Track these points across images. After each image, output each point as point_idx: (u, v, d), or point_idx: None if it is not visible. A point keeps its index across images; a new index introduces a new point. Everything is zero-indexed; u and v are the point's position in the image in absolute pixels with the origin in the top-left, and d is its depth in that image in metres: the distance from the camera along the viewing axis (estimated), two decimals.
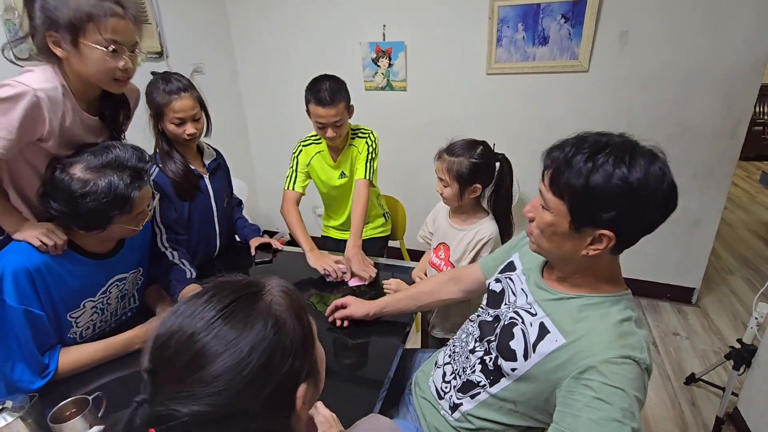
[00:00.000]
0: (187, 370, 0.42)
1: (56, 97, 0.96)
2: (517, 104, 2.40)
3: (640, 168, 0.67)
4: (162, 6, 2.31)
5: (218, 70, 2.80)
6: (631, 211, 0.69)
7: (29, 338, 0.97)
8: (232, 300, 0.47)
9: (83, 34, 0.92)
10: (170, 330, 0.45)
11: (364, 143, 1.70)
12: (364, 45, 2.56)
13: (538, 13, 2.17)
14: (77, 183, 0.94)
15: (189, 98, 1.34)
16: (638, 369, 0.69)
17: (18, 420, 0.79)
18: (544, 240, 0.80)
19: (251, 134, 3.17)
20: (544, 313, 0.82)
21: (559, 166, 0.73)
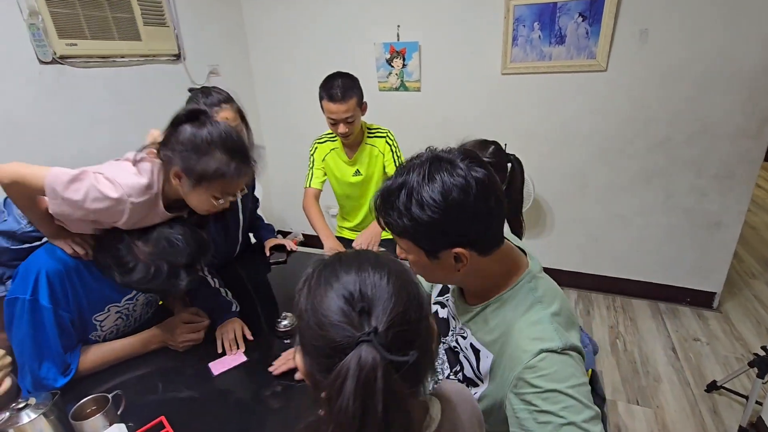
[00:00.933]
0: (405, 329, 0.48)
1: (145, 205, 0.96)
2: (532, 104, 2.37)
3: (438, 185, 0.66)
4: (180, 9, 2.34)
5: (233, 71, 2.83)
6: (458, 225, 0.67)
7: (57, 338, 0.99)
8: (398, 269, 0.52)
9: (207, 186, 0.95)
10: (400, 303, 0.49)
11: (384, 143, 1.70)
12: (378, 45, 2.56)
13: (555, 11, 2.14)
14: (141, 268, 0.96)
15: (230, 110, 1.31)
16: (556, 357, 0.66)
17: (41, 417, 0.81)
18: (422, 273, 0.78)
19: (265, 135, 3.20)
20: (470, 333, 0.81)
21: (388, 211, 0.71)
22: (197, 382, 1.05)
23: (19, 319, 0.98)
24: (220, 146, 0.93)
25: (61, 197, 0.88)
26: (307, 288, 0.51)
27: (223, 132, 0.95)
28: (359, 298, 0.47)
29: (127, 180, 0.92)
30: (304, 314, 0.50)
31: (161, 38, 2.26)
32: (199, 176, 0.93)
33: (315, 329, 0.47)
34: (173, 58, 2.36)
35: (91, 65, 1.94)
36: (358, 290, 0.48)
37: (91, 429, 0.84)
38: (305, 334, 0.49)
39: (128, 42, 2.09)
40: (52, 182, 0.88)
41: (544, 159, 2.43)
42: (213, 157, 0.92)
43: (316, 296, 0.49)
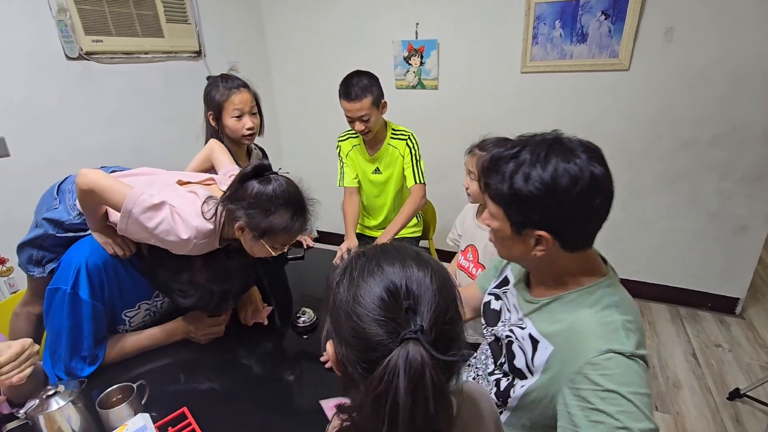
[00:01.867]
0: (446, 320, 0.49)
1: (207, 245, 1.02)
2: (553, 104, 2.34)
3: (552, 167, 0.67)
4: (201, 7, 2.37)
5: (252, 68, 2.85)
6: (554, 210, 0.68)
7: (91, 331, 1.02)
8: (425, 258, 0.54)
9: (268, 239, 0.99)
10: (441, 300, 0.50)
11: (404, 145, 1.71)
12: (397, 43, 2.55)
13: (577, 9, 2.10)
14: (197, 292, 1.06)
15: (247, 92, 1.40)
16: (624, 361, 0.64)
17: (69, 404, 0.82)
18: (499, 245, 0.80)
19: (282, 132, 3.22)
20: (531, 324, 0.80)
21: (491, 174, 0.73)
22: (219, 374, 1.06)
23: (58, 309, 1.00)
24: (284, 204, 0.97)
25: (135, 219, 0.93)
26: (348, 278, 0.51)
27: (287, 190, 0.99)
28: (405, 294, 0.47)
29: (197, 223, 0.97)
30: (343, 305, 0.49)
31: (183, 35, 2.30)
32: (263, 232, 0.98)
33: (356, 321, 0.47)
34: (194, 54, 2.39)
35: (116, 61, 1.98)
36: (404, 286, 0.48)
37: (117, 417, 0.85)
38: (344, 325, 0.49)
39: (151, 39, 2.12)
40: (132, 204, 0.92)
41: None
42: (278, 214, 0.97)
43: (359, 288, 0.49)
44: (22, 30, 1.65)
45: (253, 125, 1.41)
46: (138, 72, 2.09)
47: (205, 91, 1.43)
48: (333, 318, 0.52)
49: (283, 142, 3.25)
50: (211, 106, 1.40)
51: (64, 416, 0.82)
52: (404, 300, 0.47)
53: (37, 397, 0.83)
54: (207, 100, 1.42)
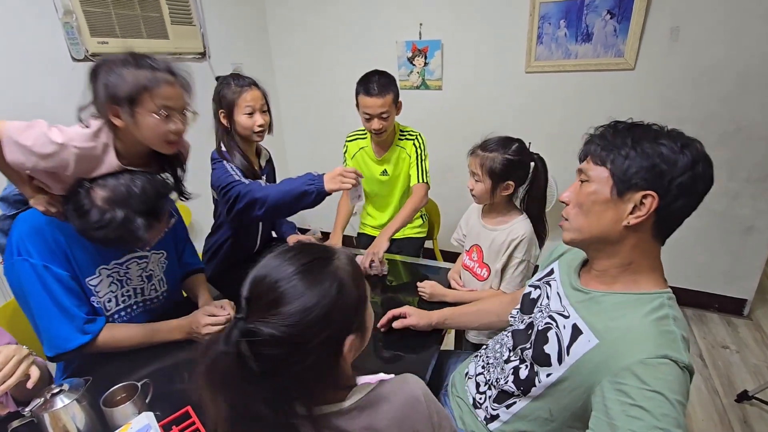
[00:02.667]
0: (269, 305, 0.56)
1: (92, 152, 0.99)
2: (558, 103, 2.33)
3: (678, 137, 0.72)
4: (206, 8, 2.39)
5: (256, 69, 2.86)
6: (672, 171, 0.70)
7: (61, 293, 1.02)
8: (309, 260, 0.60)
9: (140, 104, 0.97)
10: (263, 274, 0.59)
11: (411, 145, 1.71)
12: (400, 44, 2.55)
13: (582, 9, 2.09)
14: (95, 212, 0.97)
15: (258, 90, 1.43)
16: (677, 369, 0.65)
17: (74, 402, 0.83)
18: (582, 216, 0.79)
19: (286, 132, 3.23)
20: (577, 315, 0.80)
21: (600, 142, 0.78)
22: None
23: (18, 285, 1.01)
24: (131, 65, 0.94)
25: (14, 142, 0.90)
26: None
27: (123, 56, 0.96)
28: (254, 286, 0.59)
29: (73, 129, 0.96)
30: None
31: (188, 37, 2.31)
32: (128, 99, 0.94)
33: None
34: (199, 55, 2.40)
35: None
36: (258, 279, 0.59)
37: (121, 416, 0.86)
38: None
39: (156, 40, 2.14)
40: (8, 129, 0.90)
41: (569, 159, 2.37)
42: (128, 74, 0.93)
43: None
44: (28, 32, 1.66)
45: (264, 122, 1.43)
46: None
47: (216, 90, 1.45)
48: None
49: (286, 143, 3.26)
50: (222, 104, 1.42)
51: (69, 414, 0.82)
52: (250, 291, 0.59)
53: (42, 395, 0.83)
54: (218, 99, 1.43)
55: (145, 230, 1.01)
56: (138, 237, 1.00)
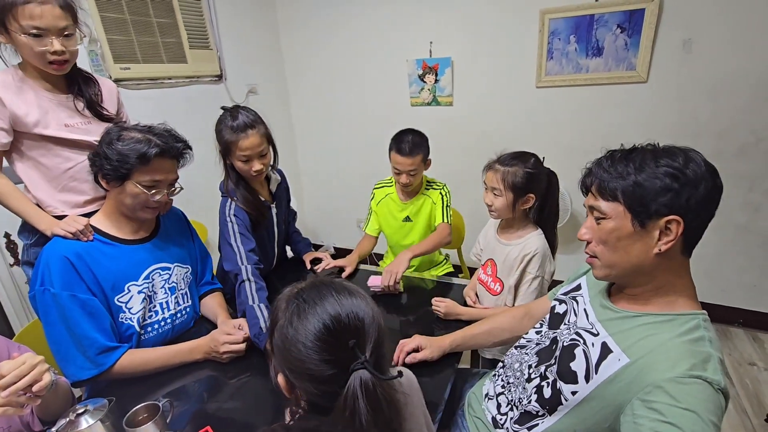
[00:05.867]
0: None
1: (5, 77, 1.12)
2: (569, 117, 2.33)
3: (676, 152, 0.71)
4: (222, 33, 2.47)
5: (270, 90, 2.93)
6: (686, 191, 0.69)
7: (81, 322, 1.04)
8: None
9: (9, 22, 1.04)
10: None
11: (438, 194, 1.80)
12: (411, 62, 2.59)
13: (592, 24, 2.11)
14: (117, 130, 1.09)
15: (256, 135, 1.33)
16: (711, 390, 0.63)
17: (98, 423, 0.84)
18: (610, 253, 0.77)
19: (300, 152, 3.28)
20: (606, 333, 0.78)
21: (602, 175, 0.76)
22: (241, 393, 1.07)
23: (40, 314, 1.04)
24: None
25: None
26: (294, 320, 0.58)
27: None
28: (348, 332, 0.57)
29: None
30: (293, 349, 0.57)
31: (205, 60, 2.39)
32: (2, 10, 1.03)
33: (308, 365, 0.56)
34: (215, 78, 2.48)
35: (142, 87, 2.07)
36: (345, 322, 0.57)
37: None
38: (296, 365, 0.57)
39: (175, 65, 2.21)
40: None
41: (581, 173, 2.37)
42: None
43: (305, 333, 0.57)
44: None
45: (261, 167, 1.37)
46: (163, 96, 2.17)
47: (216, 126, 1.39)
48: (281, 356, 0.60)
49: (300, 162, 3.31)
50: (221, 143, 1.37)
51: None
52: (349, 338, 0.56)
53: (66, 415, 0.85)
54: (217, 137, 1.39)
55: (156, 149, 1.06)
56: (147, 153, 1.05)
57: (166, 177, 1.13)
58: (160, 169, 1.10)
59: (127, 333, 1.15)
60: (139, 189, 1.08)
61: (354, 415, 0.54)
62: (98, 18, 1.83)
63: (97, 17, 1.83)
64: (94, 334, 1.06)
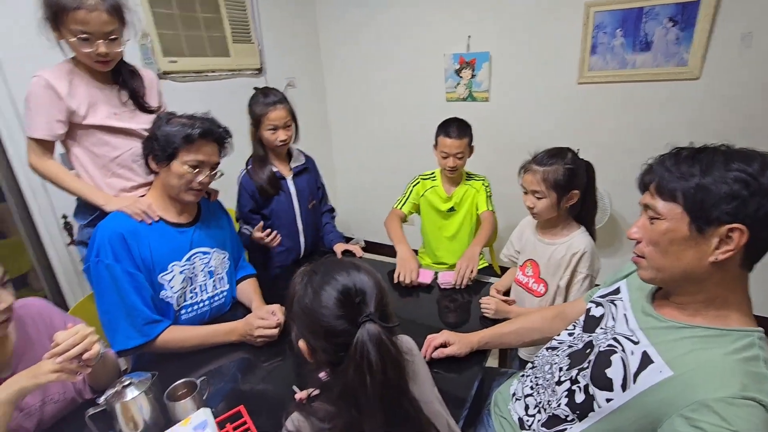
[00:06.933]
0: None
1: (59, 73, 1.22)
2: (612, 114, 2.23)
3: (752, 157, 0.65)
4: (263, 27, 2.53)
5: (307, 83, 2.98)
6: (756, 199, 0.63)
7: (130, 294, 1.12)
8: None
9: (61, 24, 1.14)
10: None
11: (480, 184, 1.84)
12: (448, 56, 2.56)
13: (641, 17, 2.01)
14: (166, 116, 1.21)
15: (283, 109, 1.56)
16: (765, 414, 0.59)
17: (142, 394, 0.90)
18: (660, 255, 0.73)
19: (334, 144, 3.32)
20: (648, 342, 0.75)
21: (663, 173, 0.71)
22: (272, 376, 1.11)
23: (94, 285, 1.12)
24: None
25: (28, 125, 1.22)
26: (310, 291, 0.67)
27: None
28: (355, 292, 0.65)
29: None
30: (310, 312, 0.66)
31: (247, 54, 2.46)
32: (51, 17, 1.13)
33: (324, 322, 0.64)
34: (256, 72, 2.55)
35: (188, 80, 2.16)
36: (353, 287, 0.66)
37: (182, 410, 0.92)
38: (313, 325, 0.66)
39: (219, 58, 2.29)
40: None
41: (623, 173, 2.27)
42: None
43: (320, 296, 0.65)
44: None
45: (285, 137, 1.58)
46: (206, 89, 2.26)
47: (249, 102, 1.60)
48: (301, 322, 0.69)
49: (335, 156, 3.36)
50: (252, 116, 1.58)
51: (138, 405, 0.90)
52: (355, 297, 0.65)
53: (114, 386, 0.91)
54: (249, 112, 1.60)
55: (199, 130, 1.15)
56: (192, 134, 1.15)
57: (209, 158, 1.20)
58: (203, 150, 1.18)
59: (166, 310, 1.22)
60: (184, 169, 1.16)
61: (363, 363, 0.60)
62: (150, 13, 1.93)
63: (149, 13, 1.92)
64: (141, 306, 1.13)
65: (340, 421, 0.64)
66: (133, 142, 1.31)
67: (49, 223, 1.71)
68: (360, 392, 0.61)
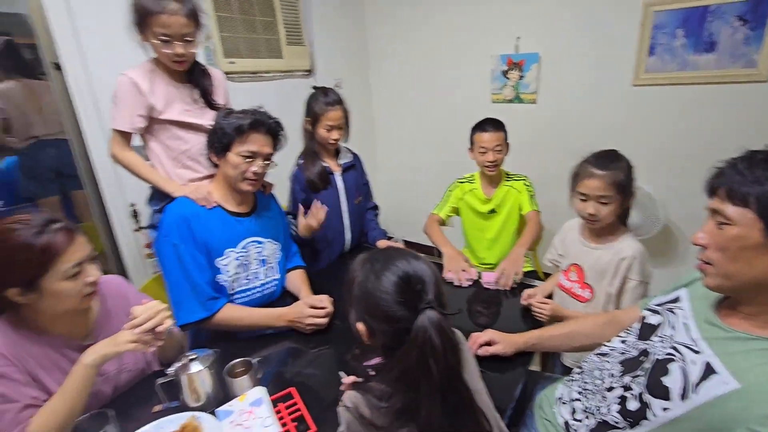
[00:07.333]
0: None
1: (142, 72, 1.36)
2: (669, 118, 2.14)
3: None
4: (315, 30, 2.62)
5: (354, 84, 3.05)
6: None
7: (194, 271, 1.21)
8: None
9: (145, 27, 1.27)
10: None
11: (521, 184, 1.84)
12: (495, 57, 2.55)
13: (705, 16, 1.91)
14: (225, 111, 1.30)
15: (340, 110, 1.64)
16: None
17: (206, 369, 0.97)
18: (729, 262, 0.71)
19: (378, 144, 3.38)
20: (711, 352, 0.73)
21: (735, 177, 0.69)
22: (320, 361, 1.17)
23: (161, 262, 1.23)
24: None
25: (114, 117, 1.37)
26: (372, 277, 0.71)
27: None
28: (415, 280, 0.69)
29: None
30: (372, 296, 0.70)
31: (298, 56, 2.56)
32: (137, 21, 1.28)
33: (384, 307, 0.68)
34: (306, 73, 2.64)
35: (244, 80, 2.28)
36: (414, 274, 0.69)
37: (239, 387, 0.99)
38: (374, 310, 0.70)
39: (273, 60, 2.41)
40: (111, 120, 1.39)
41: (679, 179, 2.18)
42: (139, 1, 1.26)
43: (381, 283, 0.69)
44: None
45: (338, 136, 1.67)
46: (260, 89, 2.38)
47: (308, 99, 1.67)
48: (361, 306, 0.73)
49: (378, 154, 3.41)
50: (310, 114, 1.65)
51: (201, 378, 0.97)
52: (416, 284, 0.68)
53: (180, 360, 0.99)
54: (308, 109, 1.66)
55: (249, 121, 1.23)
56: (242, 127, 1.23)
57: (261, 149, 1.26)
58: (255, 141, 1.25)
59: (221, 293, 1.30)
60: (238, 159, 1.24)
61: (427, 348, 0.64)
62: (214, 17, 2.06)
63: (213, 17, 2.05)
64: (203, 283, 1.23)
65: (397, 400, 0.67)
66: (201, 136, 1.41)
67: (119, 211, 1.87)
68: (422, 375, 0.64)
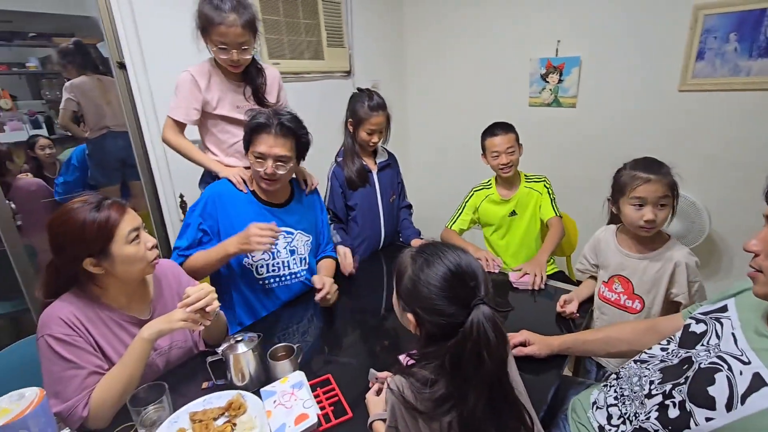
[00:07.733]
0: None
1: (201, 70, 1.48)
2: (718, 125, 2.06)
3: None
4: (354, 32, 2.69)
5: (390, 85, 3.10)
6: None
7: (189, 235, 1.34)
8: None
9: (207, 34, 1.40)
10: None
11: (542, 186, 1.82)
12: (534, 61, 2.53)
13: (761, 20, 1.84)
14: (256, 110, 1.38)
15: (383, 115, 1.67)
16: None
17: (250, 351, 1.03)
18: None
19: (412, 145, 3.41)
20: (761, 363, 0.71)
21: None
22: (355, 349, 1.22)
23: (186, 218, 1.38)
24: (208, 2, 1.38)
25: (172, 107, 1.49)
26: (423, 268, 0.72)
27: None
28: (469, 276, 0.71)
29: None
30: (424, 287, 0.71)
31: (338, 57, 2.63)
32: (201, 28, 1.40)
33: (435, 303, 0.70)
34: (345, 74, 2.71)
35: (287, 81, 2.35)
36: (468, 269, 0.71)
37: (281, 370, 1.04)
38: (424, 303, 0.71)
39: (315, 61, 2.49)
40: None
41: (728, 188, 2.09)
42: (203, 9, 1.37)
43: (434, 274, 0.71)
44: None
45: (378, 140, 1.71)
46: (302, 89, 2.46)
47: (351, 101, 1.71)
48: (411, 297, 0.74)
49: (410, 153, 3.44)
50: (353, 116, 1.68)
51: (246, 359, 1.03)
52: (470, 280, 0.70)
53: (228, 341, 1.06)
54: (351, 111, 1.70)
55: (256, 128, 1.29)
56: (251, 128, 1.30)
57: (269, 150, 1.28)
58: (263, 143, 1.29)
59: (248, 274, 1.39)
60: (252, 159, 1.33)
61: (481, 342, 0.66)
62: (261, 20, 2.15)
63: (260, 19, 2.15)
64: (188, 242, 1.34)
65: (439, 387, 0.70)
66: None
67: (169, 201, 1.99)
68: (474, 367, 0.66)
